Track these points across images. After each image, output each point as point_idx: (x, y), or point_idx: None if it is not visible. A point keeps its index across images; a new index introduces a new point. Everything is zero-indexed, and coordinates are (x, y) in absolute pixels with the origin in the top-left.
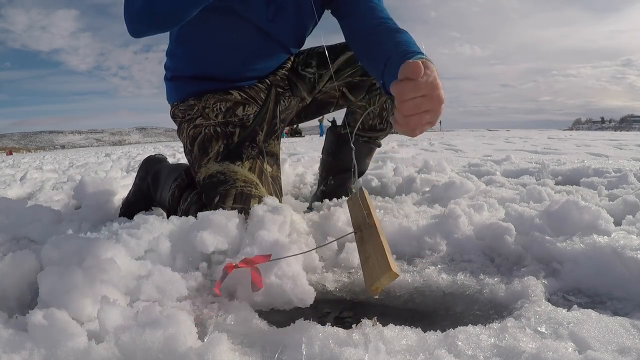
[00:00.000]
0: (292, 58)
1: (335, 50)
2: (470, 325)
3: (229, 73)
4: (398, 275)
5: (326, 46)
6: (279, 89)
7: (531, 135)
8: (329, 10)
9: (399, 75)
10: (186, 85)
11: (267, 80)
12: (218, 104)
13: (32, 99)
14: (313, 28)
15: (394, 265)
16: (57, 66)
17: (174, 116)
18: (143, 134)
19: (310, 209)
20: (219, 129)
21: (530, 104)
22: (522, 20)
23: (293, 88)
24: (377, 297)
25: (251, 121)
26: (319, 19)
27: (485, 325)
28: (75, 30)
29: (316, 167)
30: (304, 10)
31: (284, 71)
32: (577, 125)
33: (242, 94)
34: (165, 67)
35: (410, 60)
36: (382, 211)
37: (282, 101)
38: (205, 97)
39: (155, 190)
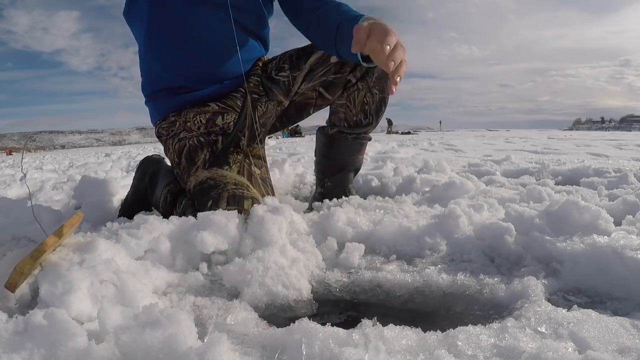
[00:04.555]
0: (261, 64)
1: (306, 50)
2: (470, 325)
3: (198, 76)
4: (21, 272)
5: (297, 48)
6: (254, 95)
7: (531, 135)
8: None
9: (357, 48)
10: (164, 101)
11: (241, 89)
12: (197, 116)
13: (33, 99)
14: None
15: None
16: (58, 67)
17: (159, 135)
18: (143, 134)
19: (310, 209)
20: (202, 139)
21: (530, 104)
22: (519, 21)
23: (269, 93)
24: None
25: (232, 128)
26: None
27: (485, 325)
28: (77, 31)
29: None
30: None
31: (256, 77)
32: (577, 125)
33: (219, 104)
34: (142, 89)
35: (356, 25)
36: (382, 211)
37: (259, 107)
38: (185, 112)
39: (152, 192)
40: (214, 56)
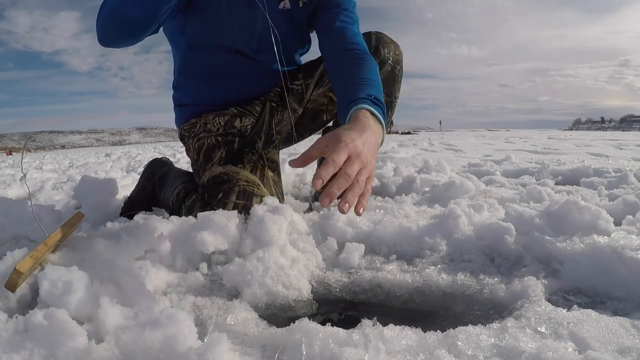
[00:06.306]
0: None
1: (318, 59)
2: (470, 325)
3: (224, 103)
4: (20, 272)
5: (309, 60)
6: (272, 104)
7: (531, 135)
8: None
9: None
10: (189, 109)
11: (261, 97)
12: (217, 118)
13: (33, 99)
14: (306, 50)
15: (21, 265)
16: (59, 67)
17: (182, 137)
18: (143, 134)
19: (310, 209)
20: (220, 139)
21: (529, 104)
22: (518, 21)
23: (284, 102)
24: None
25: (249, 131)
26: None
27: (485, 325)
28: (77, 32)
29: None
30: (283, 40)
31: (277, 89)
32: (577, 125)
33: (238, 108)
34: (173, 98)
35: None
36: (382, 211)
37: (276, 114)
38: (205, 114)
39: (160, 190)
40: (241, 89)
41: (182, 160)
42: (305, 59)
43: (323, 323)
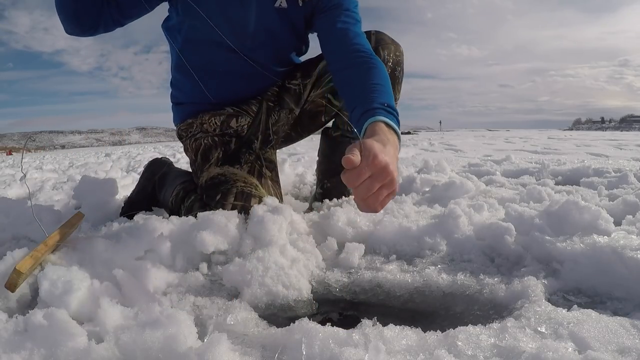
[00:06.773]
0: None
1: (317, 58)
2: (470, 325)
3: (221, 102)
4: (20, 272)
5: (310, 58)
6: (269, 103)
7: (531, 135)
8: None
9: (343, 163)
10: (187, 108)
11: (257, 96)
12: (213, 118)
13: (33, 99)
14: (305, 51)
15: (21, 264)
16: (59, 67)
17: (180, 137)
18: (143, 134)
19: (310, 209)
20: (216, 139)
21: (529, 104)
22: (517, 21)
23: (281, 101)
24: None
25: (245, 131)
26: (305, 46)
27: (485, 325)
28: None
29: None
30: (278, 39)
31: (275, 88)
32: (577, 125)
33: (234, 108)
34: (171, 95)
35: (347, 156)
36: (382, 211)
37: (272, 114)
38: (201, 114)
39: (160, 190)
40: (237, 88)
41: (182, 160)
42: (304, 58)
43: (323, 323)
